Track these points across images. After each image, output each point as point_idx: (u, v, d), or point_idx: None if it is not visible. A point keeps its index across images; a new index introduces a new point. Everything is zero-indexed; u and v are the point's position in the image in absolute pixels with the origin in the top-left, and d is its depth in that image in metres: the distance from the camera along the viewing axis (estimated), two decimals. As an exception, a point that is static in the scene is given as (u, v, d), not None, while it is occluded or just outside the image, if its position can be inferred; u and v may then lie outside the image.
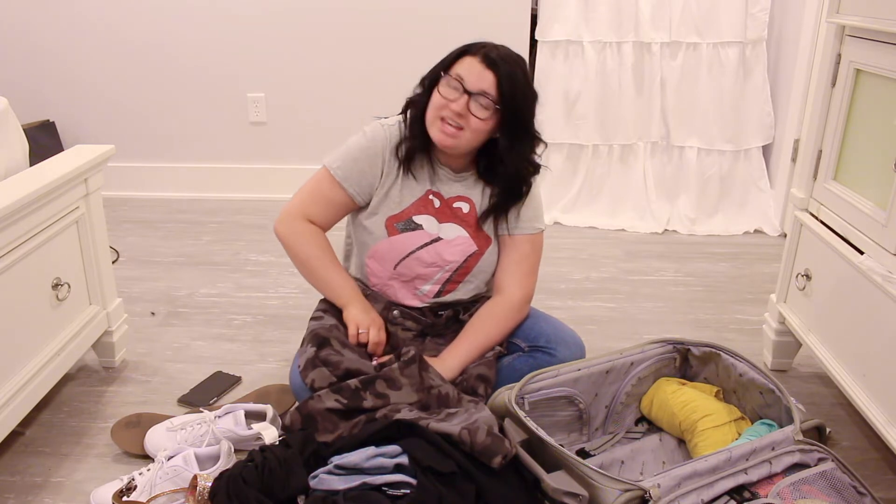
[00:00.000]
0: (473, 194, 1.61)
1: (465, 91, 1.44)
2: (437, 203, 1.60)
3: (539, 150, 1.57)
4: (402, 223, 1.59)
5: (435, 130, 1.49)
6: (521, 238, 1.63)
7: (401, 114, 1.59)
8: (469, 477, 1.28)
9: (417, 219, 1.59)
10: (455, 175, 1.60)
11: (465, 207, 1.61)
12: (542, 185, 1.66)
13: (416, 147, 1.55)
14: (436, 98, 1.48)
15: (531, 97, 1.51)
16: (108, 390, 1.79)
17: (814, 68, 2.66)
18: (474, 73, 1.45)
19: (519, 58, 1.49)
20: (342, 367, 1.47)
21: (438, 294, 1.65)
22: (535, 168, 1.59)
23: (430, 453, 1.30)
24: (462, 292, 1.67)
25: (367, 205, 1.61)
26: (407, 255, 1.59)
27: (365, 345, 1.56)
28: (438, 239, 1.60)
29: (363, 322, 1.56)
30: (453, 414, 1.40)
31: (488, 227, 1.63)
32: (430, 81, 1.51)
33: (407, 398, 1.44)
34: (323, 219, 1.61)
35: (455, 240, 1.60)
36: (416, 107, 1.54)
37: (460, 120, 1.46)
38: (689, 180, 3.02)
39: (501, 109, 1.46)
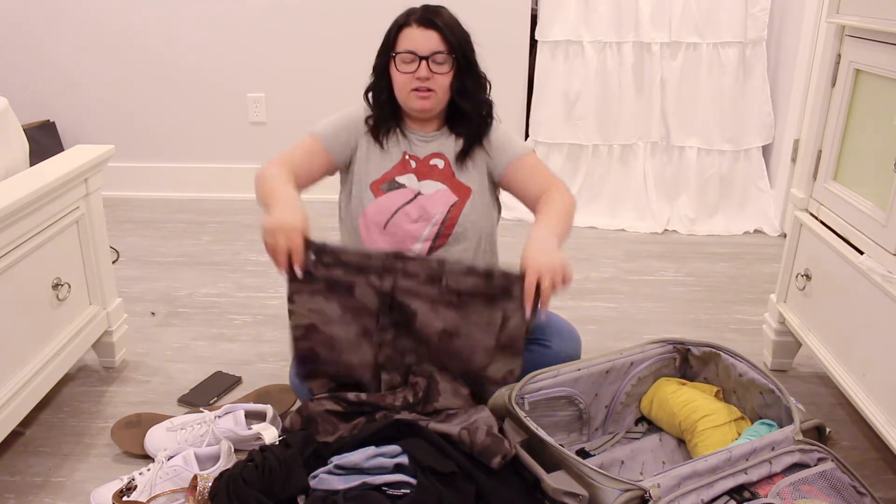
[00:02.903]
0: (446, 149, 1.66)
1: (421, 58, 1.53)
2: (413, 164, 1.65)
3: (486, 87, 1.64)
4: (386, 184, 1.64)
5: (412, 102, 1.58)
6: (517, 163, 1.66)
7: (364, 100, 1.66)
8: (469, 477, 1.28)
9: (399, 179, 1.64)
10: (426, 136, 1.66)
11: (441, 163, 1.66)
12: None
13: (384, 121, 1.64)
14: (399, 77, 1.57)
15: (468, 35, 1.60)
16: (108, 390, 1.79)
17: (814, 68, 2.66)
18: (419, 40, 1.54)
19: (441, 7, 1.59)
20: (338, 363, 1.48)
21: (430, 251, 1.64)
22: (488, 105, 1.65)
23: (430, 453, 1.30)
24: (455, 252, 1.65)
25: (348, 171, 1.67)
26: (395, 213, 1.62)
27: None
28: (420, 194, 1.64)
29: (276, 230, 1.35)
30: (453, 414, 1.40)
31: (467, 177, 1.66)
32: (382, 67, 1.61)
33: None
34: (300, 168, 1.58)
35: (435, 193, 1.64)
36: (378, 91, 1.63)
37: (428, 83, 1.55)
38: (689, 180, 3.02)
39: (456, 56, 1.56)
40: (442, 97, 1.58)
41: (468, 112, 1.62)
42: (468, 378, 1.48)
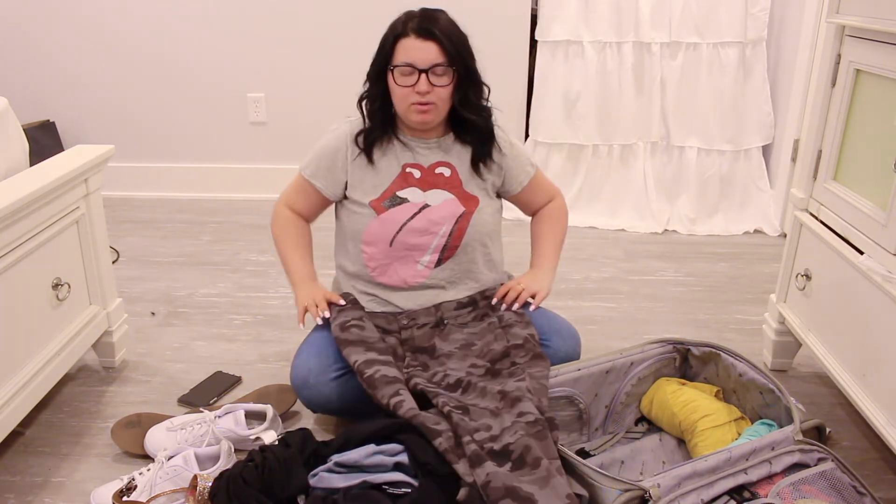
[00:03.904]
0: (451, 157, 1.64)
1: (420, 71, 1.50)
2: (417, 174, 1.62)
3: (486, 94, 1.62)
4: (388, 201, 1.62)
5: (412, 115, 1.55)
6: (529, 185, 1.73)
7: (358, 108, 1.63)
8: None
9: (401, 193, 1.62)
10: (430, 142, 1.63)
11: (447, 172, 1.63)
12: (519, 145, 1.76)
13: (377, 132, 1.61)
14: (398, 91, 1.53)
15: (466, 40, 1.57)
16: (108, 390, 1.79)
17: (814, 68, 2.66)
18: (418, 52, 1.50)
19: (440, 11, 1.55)
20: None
21: (439, 263, 1.64)
22: (487, 111, 1.64)
23: (429, 452, 1.30)
24: (462, 261, 1.66)
25: (345, 197, 1.65)
26: (400, 229, 1.60)
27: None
28: (426, 206, 1.62)
29: (308, 300, 1.62)
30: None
31: (475, 186, 1.65)
32: (377, 76, 1.57)
33: None
34: (304, 209, 1.71)
35: (442, 204, 1.62)
36: (373, 100, 1.60)
37: (428, 96, 1.52)
38: (689, 180, 3.02)
39: (456, 67, 1.53)
40: (442, 108, 1.56)
41: (472, 120, 1.60)
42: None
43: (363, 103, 1.61)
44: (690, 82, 2.94)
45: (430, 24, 1.50)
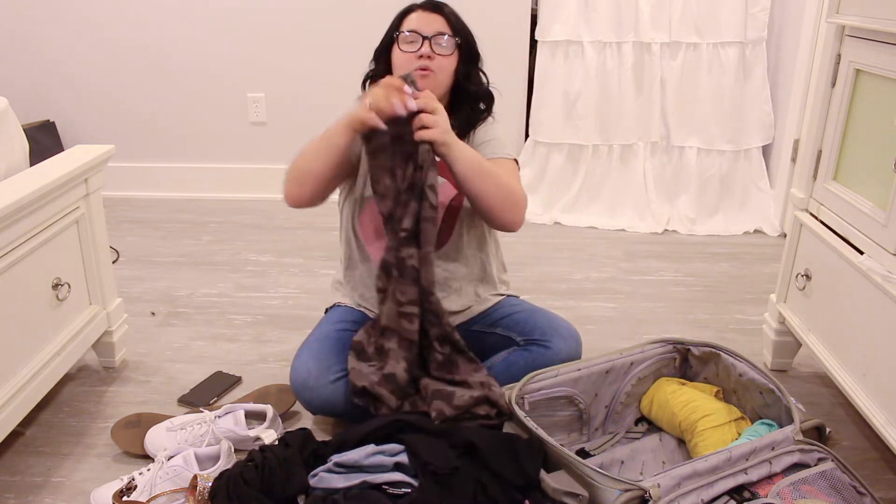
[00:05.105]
0: None
1: (424, 38, 1.52)
2: None
3: (484, 82, 1.64)
4: None
5: None
6: (494, 160, 1.61)
7: (362, 89, 1.64)
8: (468, 471, 1.28)
9: None
10: None
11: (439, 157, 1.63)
12: (528, 164, 1.70)
13: None
14: (400, 57, 1.54)
15: (469, 29, 1.61)
16: (108, 390, 1.79)
17: (814, 68, 2.66)
18: (425, 21, 1.54)
19: (446, 3, 1.61)
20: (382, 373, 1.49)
21: (438, 247, 1.62)
22: (489, 96, 1.65)
23: (430, 449, 1.30)
24: (458, 246, 1.65)
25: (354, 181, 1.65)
26: None
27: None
28: None
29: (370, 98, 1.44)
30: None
31: None
32: (384, 50, 1.59)
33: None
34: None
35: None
36: (377, 78, 1.60)
37: (430, 62, 1.53)
38: (689, 180, 3.02)
39: (459, 41, 1.56)
40: (441, 80, 1.55)
41: (470, 97, 1.61)
42: None
43: (367, 83, 1.63)
44: (690, 82, 2.94)
45: (437, 4, 1.57)
